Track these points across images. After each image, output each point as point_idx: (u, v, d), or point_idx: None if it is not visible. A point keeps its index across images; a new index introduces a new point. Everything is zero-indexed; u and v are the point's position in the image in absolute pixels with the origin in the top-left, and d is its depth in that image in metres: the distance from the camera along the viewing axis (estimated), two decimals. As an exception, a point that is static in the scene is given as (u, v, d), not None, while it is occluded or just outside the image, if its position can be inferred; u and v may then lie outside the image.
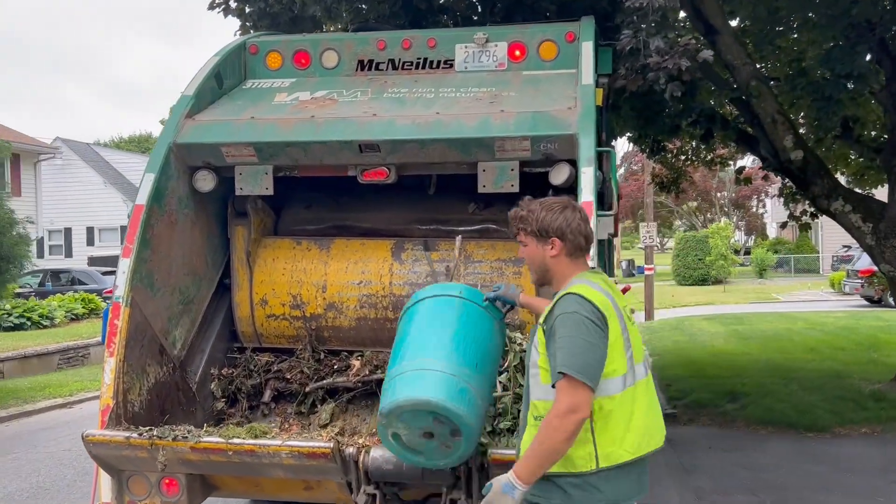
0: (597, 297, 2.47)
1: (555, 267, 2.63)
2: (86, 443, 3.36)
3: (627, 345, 2.52)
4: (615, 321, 2.47)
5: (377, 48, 4.76)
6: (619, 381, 2.47)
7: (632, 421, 2.48)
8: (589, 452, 2.43)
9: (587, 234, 2.65)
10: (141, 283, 3.77)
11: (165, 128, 4.11)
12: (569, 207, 2.65)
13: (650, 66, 4.39)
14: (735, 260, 32.64)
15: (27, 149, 25.07)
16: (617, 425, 2.46)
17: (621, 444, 2.46)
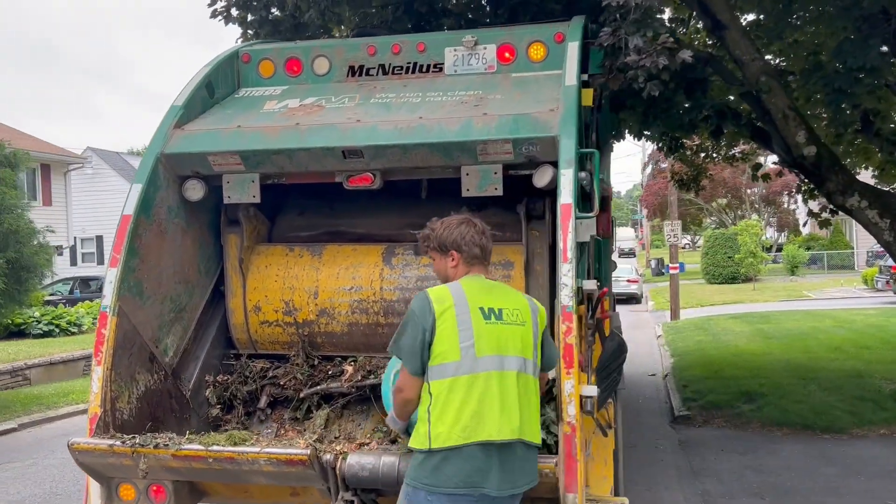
0: (436, 292, 2.87)
1: (454, 276, 2.99)
2: (71, 451, 3.42)
3: (466, 336, 2.77)
4: (450, 314, 2.78)
5: (367, 54, 4.77)
6: (450, 367, 2.75)
7: (467, 407, 2.71)
8: (424, 432, 2.74)
9: (482, 245, 3.01)
10: (129, 293, 3.81)
11: (153, 138, 4.16)
12: (465, 223, 3.02)
13: (629, 64, 4.32)
14: (765, 257, 32.09)
15: (57, 159, 25.58)
16: (449, 410, 2.72)
17: (452, 428, 2.69)
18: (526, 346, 2.90)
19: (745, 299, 24.01)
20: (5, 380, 11.44)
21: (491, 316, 2.85)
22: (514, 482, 2.79)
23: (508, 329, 2.86)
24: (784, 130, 7.53)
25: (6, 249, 8.65)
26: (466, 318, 2.79)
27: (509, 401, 2.78)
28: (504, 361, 2.81)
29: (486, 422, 2.72)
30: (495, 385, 2.76)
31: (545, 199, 4.07)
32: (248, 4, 6.64)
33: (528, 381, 2.89)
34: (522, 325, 2.91)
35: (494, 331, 2.83)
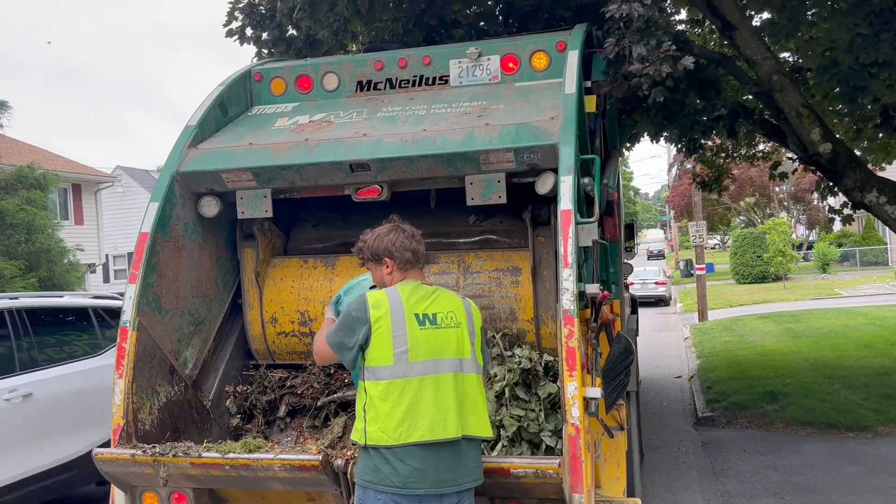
0: (374, 297, 3.02)
1: (391, 282, 3.14)
2: (96, 461, 3.56)
3: (400, 342, 2.93)
4: (385, 319, 2.94)
5: (375, 69, 4.89)
6: (384, 370, 2.91)
7: (399, 411, 2.86)
8: (361, 428, 2.93)
9: (413, 249, 3.15)
10: (148, 307, 3.96)
11: (169, 158, 4.31)
12: (394, 230, 3.18)
13: (633, 72, 4.39)
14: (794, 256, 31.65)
15: (87, 178, 26.17)
16: (381, 412, 2.88)
17: (385, 430, 2.86)
18: (462, 347, 3.04)
19: (774, 299, 23.73)
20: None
21: (426, 321, 2.99)
22: (456, 480, 2.91)
23: (443, 333, 3.02)
24: (798, 128, 7.51)
25: (38, 268, 8.94)
26: (401, 325, 2.95)
27: (445, 402, 2.92)
28: (439, 365, 2.96)
29: (420, 424, 2.86)
30: (430, 388, 2.91)
31: (550, 205, 4.14)
32: (263, 24, 6.81)
33: (467, 380, 3.03)
34: (458, 327, 3.06)
35: (429, 336, 2.98)
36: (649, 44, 4.37)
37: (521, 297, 4.24)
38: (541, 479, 3.03)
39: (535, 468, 3.04)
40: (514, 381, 3.89)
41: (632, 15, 4.37)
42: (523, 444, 3.75)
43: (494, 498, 3.30)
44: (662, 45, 4.58)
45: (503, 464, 3.11)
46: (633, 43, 4.36)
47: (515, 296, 4.25)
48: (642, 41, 4.36)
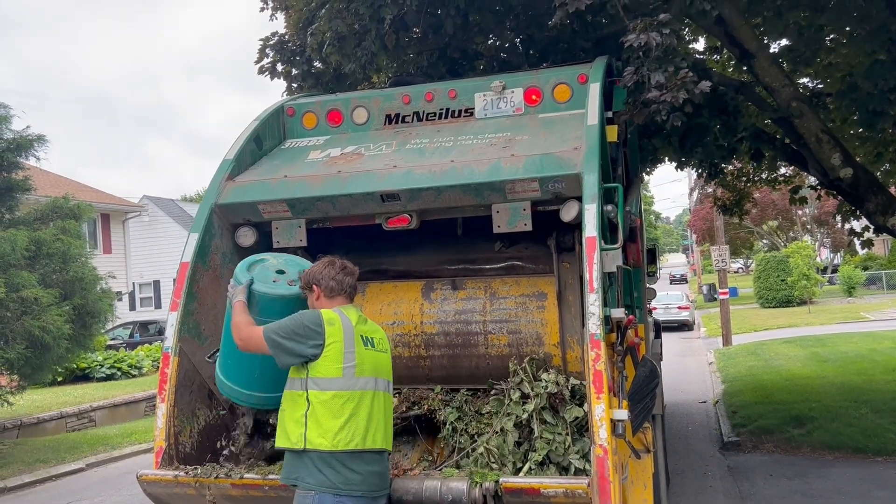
0: (327, 314, 3.32)
1: (318, 307, 3.47)
2: (140, 482, 3.70)
3: (349, 359, 3.26)
4: (338, 336, 3.26)
5: (402, 102, 5.06)
6: (332, 382, 3.21)
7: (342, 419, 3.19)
8: (300, 434, 3.19)
9: (339, 280, 3.53)
10: (189, 334, 4.12)
11: (208, 190, 4.50)
12: (329, 264, 3.57)
13: (652, 99, 4.52)
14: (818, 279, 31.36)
15: (115, 208, 26.72)
16: (325, 420, 3.17)
17: (329, 437, 3.16)
18: (389, 370, 3.52)
19: (799, 323, 23.51)
20: (73, 422, 11.97)
21: (368, 343, 3.39)
22: (384, 485, 3.32)
23: (380, 356, 3.44)
24: (819, 154, 7.59)
25: (72, 297, 9.17)
26: (351, 343, 3.30)
27: (379, 416, 3.32)
28: (378, 383, 3.37)
29: (363, 433, 3.23)
30: (369, 402, 3.29)
31: (574, 231, 4.26)
32: (292, 59, 7.06)
33: (390, 399, 3.49)
34: (386, 353, 3.53)
35: (372, 356, 3.38)
36: (667, 71, 4.50)
37: (546, 322, 4.35)
38: (570, 499, 3.12)
39: (566, 488, 3.14)
40: (541, 405, 3.98)
41: (650, 44, 4.52)
42: (551, 466, 3.83)
43: (525, 518, 3.39)
44: (680, 72, 4.71)
45: (534, 484, 3.21)
46: (651, 71, 4.50)
47: (541, 320, 4.36)
48: (660, 68, 4.49)
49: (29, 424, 11.25)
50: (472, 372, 4.52)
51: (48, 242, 8.86)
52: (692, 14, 6.51)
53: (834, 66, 9.45)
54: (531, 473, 3.76)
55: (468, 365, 4.52)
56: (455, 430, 4.27)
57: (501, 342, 4.43)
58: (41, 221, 9.63)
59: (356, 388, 3.26)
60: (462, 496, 3.25)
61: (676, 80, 4.46)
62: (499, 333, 4.43)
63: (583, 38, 7.82)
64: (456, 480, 3.32)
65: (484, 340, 4.46)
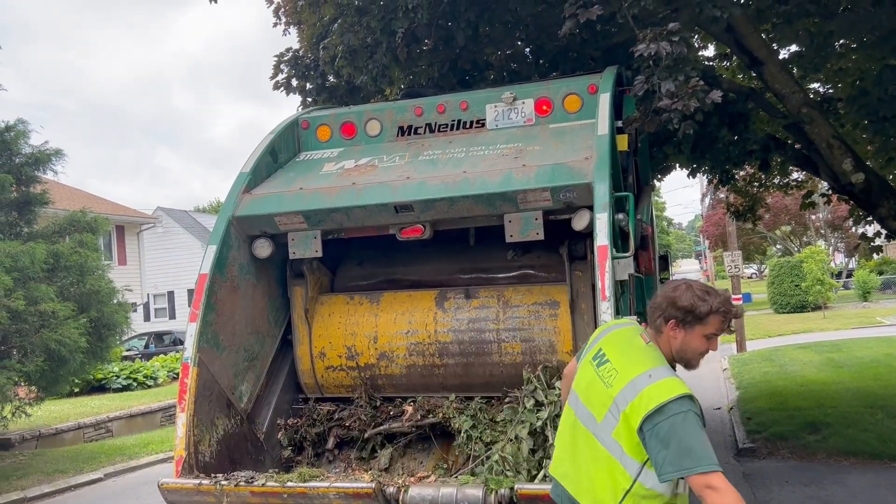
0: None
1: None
2: (161, 490, 3.77)
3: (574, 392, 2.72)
4: (586, 362, 2.71)
5: (415, 114, 5.14)
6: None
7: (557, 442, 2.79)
8: None
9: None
10: (207, 344, 4.19)
11: (225, 203, 4.58)
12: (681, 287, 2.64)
13: (662, 108, 4.56)
14: (833, 284, 31.14)
15: (130, 220, 26.96)
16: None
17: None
18: (601, 406, 2.61)
19: (814, 328, 23.31)
20: (90, 432, 12.09)
21: (597, 360, 2.72)
22: None
23: (595, 379, 2.69)
24: (830, 159, 7.59)
25: (89, 309, 9.29)
26: (584, 354, 2.81)
27: (568, 444, 2.76)
28: (577, 404, 2.75)
29: (563, 468, 2.77)
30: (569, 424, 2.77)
31: (586, 240, 4.31)
32: (307, 74, 7.16)
33: (590, 438, 2.65)
34: (608, 388, 2.60)
35: (585, 369, 2.75)
36: (678, 80, 4.54)
37: (559, 330, 4.39)
38: (585, 503, 3.15)
39: (579, 494, 3.16)
40: (555, 413, 4.02)
41: (660, 53, 4.56)
42: (566, 472, 3.87)
43: (540, 525, 3.43)
44: (690, 81, 4.74)
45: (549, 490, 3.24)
46: (661, 80, 4.54)
47: (554, 328, 4.41)
48: (670, 77, 4.53)
49: (47, 435, 11.37)
50: (486, 380, 4.58)
51: (66, 255, 8.99)
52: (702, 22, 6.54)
53: (844, 71, 9.44)
54: (546, 481, 3.80)
55: (482, 373, 4.57)
56: (470, 438, 4.33)
57: (515, 350, 4.48)
58: (59, 235, 9.77)
59: (576, 415, 2.75)
60: (478, 502, 3.29)
61: (687, 89, 4.50)
62: (512, 342, 4.49)
63: (592, 48, 7.86)
64: (471, 487, 3.36)
65: (497, 349, 4.51)
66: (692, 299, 2.55)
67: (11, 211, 9.63)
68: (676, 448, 2.34)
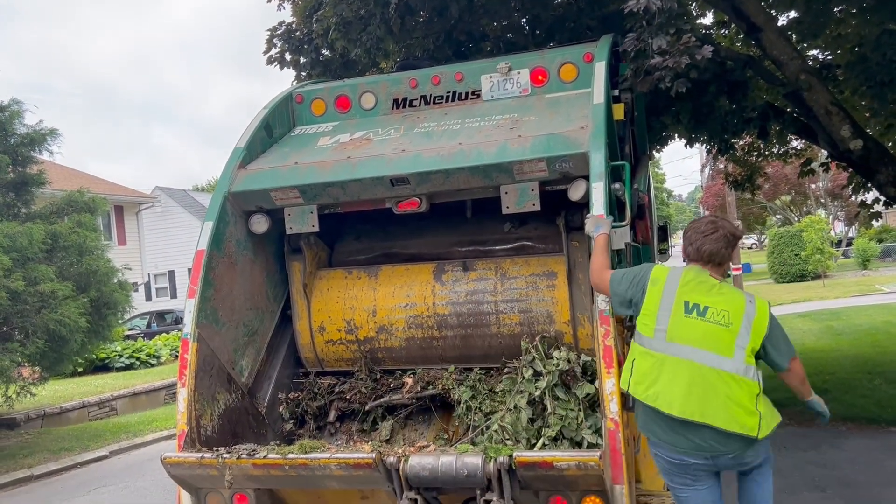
0: (657, 271, 3.37)
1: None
2: (164, 464, 3.80)
3: (661, 322, 3.22)
4: (655, 297, 3.26)
5: (410, 86, 5.10)
6: (644, 339, 3.28)
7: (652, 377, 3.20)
8: (627, 378, 3.31)
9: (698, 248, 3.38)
10: (206, 320, 4.20)
11: (220, 179, 4.57)
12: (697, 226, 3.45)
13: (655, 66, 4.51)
14: (833, 253, 31.14)
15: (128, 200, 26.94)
16: (640, 371, 3.25)
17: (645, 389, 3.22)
18: (725, 346, 3.15)
19: (814, 297, 23.39)
20: (94, 411, 12.19)
21: (693, 311, 3.22)
22: (704, 453, 3.19)
23: (709, 326, 3.19)
24: (828, 126, 7.56)
25: (89, 289, 9.31)
26: (668, 307, 3.24)
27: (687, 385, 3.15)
28: (693, 353, 3.17)
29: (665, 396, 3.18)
30: (674, 369, 3.18)
31: (583, 210, 4.30)
32: (300, 48, 7.09)
33: (711, 373, 3.15)
34: (723, 326, 3.18)
35: (692, 325, 3.20)
36: (669, 35, 4.47)
37: (557, 301, 4.40)
38: (583, 471, 3.19)
39: (578, 461, 3.20)
40: (553, 382, 4.05)
41: (650, 8, 4.49)
42: (565, 442, 3.91)
43: (539, 492, 3.47)
44: (682, 37, 4.67)
45: (547, 457, 3.28)
46: (653, 36, 4.48)
47: (552, 299, 4.42)
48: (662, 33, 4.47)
49: (52, 414, 11.47)
50: (484, 351, 4.60)
51: (64, 235, 8.99)
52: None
53: (843, 37, 9.36)
54: (545, 448, 3.84)
55: (481, 344, 4.59)
56: (469, 409, 4.36)
57: (513, 321, 4.49)
58: (57, 215, 9.77)
59: (663, 351, 3.21)
60: (477, 471, 3.33)
61: (679, 46, 4.44)
62: (510, 313, 4.50)
63: (588, 17, 7.80)
64: (471, 456, 3.39)
65: (496, 320, 4.53)
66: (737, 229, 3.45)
67: (9, 192, 9.62)
68: (784, 341, 3.35)
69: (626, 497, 3.30)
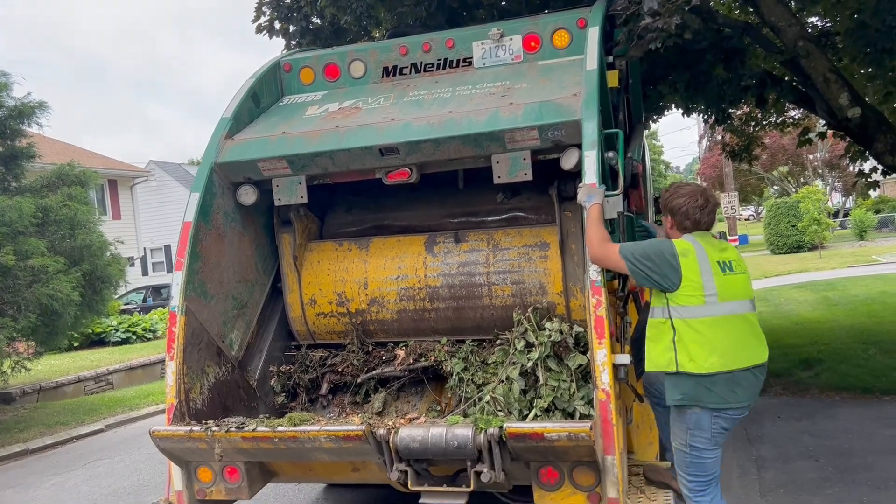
0: (681, 244, 3.40)
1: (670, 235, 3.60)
2: (153, 437, 3.77)
3: (709, 288, 3.31)
4: (694, 267, 3.32)
5: (400, 54, 5.00)
6: (695, 310, 3.31)
7: (713, 347, 3.28)
8: (670, 358, 3.32)
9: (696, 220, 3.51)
10: (194, 293, 4.15)
11: (207, 150, 4.48)
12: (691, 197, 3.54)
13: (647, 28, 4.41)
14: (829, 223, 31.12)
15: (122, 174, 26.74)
16: (692, 343, 3.29)
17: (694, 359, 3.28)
18: (749, 290, 3.49)
19: (810, 268, 23.40)
20: (90, 385, 12.19)
21: (725, 268, 3.42)
22: (751, 398, 3.41)
23: (738, 278, 3.44)
24: (826, 94, 7.45)
25: (81, 262, 9.23)
26: (709, 272, 3.36)
27: (745, 336, 3.38)
28: (741, 305, 3.39)
29: (732, 356, 3.30)
30: (732, 326, 3.34)
31: (576, 180, 4.22)
32: (290, 16, 6.96)
33: (754, 317, 3.46)
34: (744, 273, 3.50)
35: (731, 281, 3.40)
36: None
37: (549, 272, 4.35)
38: (574, 441, 3.16)
39: (569, 432, 3.17)
40: (545, 353, 4.01)
41: None
42: (557, 413, 3.88)
43: (530, 462, 3.45)
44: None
45: (537, 429, 3.25)
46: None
47: (544, 270, 4.37)
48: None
49: (48, 389, 11.47)
50: (476, 323, 4.56)
51: (55, 209, 8.90)
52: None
53: (842, 3, 9.19)
54: (537, 420, 3.81)
55: (473, 316, 4.55)
56: (461, 381, 4.33)
57: (505, 293, 4.45)
58: (48, 189, 9.66)
59: (720, 313, 3.32)
60: (467, 442, 3.30)
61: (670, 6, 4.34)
62: (502, 284, 4.45)
63: (584, -18, 7.65)
64: (461, 427, 3.36)
65: (488, 292, 4.48)
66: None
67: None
68: None
69: (617, 468, 3.28)
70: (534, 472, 3.47)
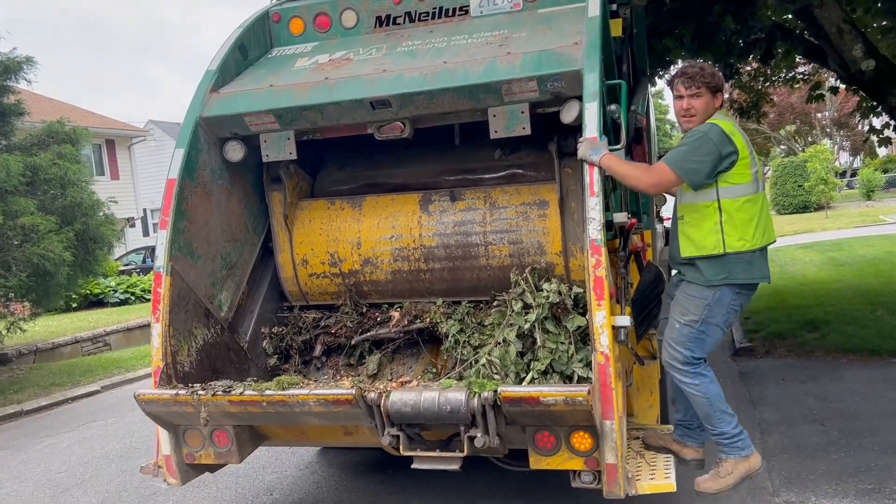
0: (725, 124, 3.48)
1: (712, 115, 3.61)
2: (138, 401, 3.66)
3: (753, 164, 3.48)
4: (744, 144, 3.45)
5: (393, 3, 4.76)
6: (745, 187, 3.44)
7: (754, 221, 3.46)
8: (717, 240, 3.46)
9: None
10: (180, 253, 4.00)
11: (191, 104, 4.29)
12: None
13: None
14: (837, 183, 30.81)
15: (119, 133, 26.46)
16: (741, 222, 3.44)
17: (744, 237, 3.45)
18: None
19: (816, 228, 23.23)
20: (87, 346, 12.16)
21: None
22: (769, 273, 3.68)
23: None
24: (840, 45, 7.21)
25: (73, 222, 9.08)
26: (751, 148, 3.51)
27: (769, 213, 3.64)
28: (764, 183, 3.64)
29: (765, 230, 3.54)
30: (763, 202, 3.56)
31: (576, 135, 4.03)
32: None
33: None
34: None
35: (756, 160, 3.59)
36: None
37: (548, 231, 4.19)
38: (571, 406, 3.04)
39: (565, 396, 3.05)
40: (543, 315, 3.87)
41: None
42: (555, 375, 3.75)
43: (526, 427, 3.33)
44: None
45: (533, 392, 3.12)
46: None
47: (543, 229, 4.21)
48: None
49: (44, 350, 11.43)
50: (473, 284, 4.42)
51: (45, 168, 8.71)
52: None
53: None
54: (534, 383, 3.68)
55: (469, 277, 4.41)
56: (457, 343, 4.20)
57: (502, 253, 4.29)
58: (38, 147, 9.46)
59: (760, 189, 3.52)
60: (460, 406, 3.18)
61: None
62: (500, 244, 4.29)
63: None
64: (454, 391, 3.23)
65: (485, 252, 4.33)
66: None
67: (-14, 123, 9.30)
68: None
69: (616, 432, 3.16)
70: (530, 436, 3.35)
